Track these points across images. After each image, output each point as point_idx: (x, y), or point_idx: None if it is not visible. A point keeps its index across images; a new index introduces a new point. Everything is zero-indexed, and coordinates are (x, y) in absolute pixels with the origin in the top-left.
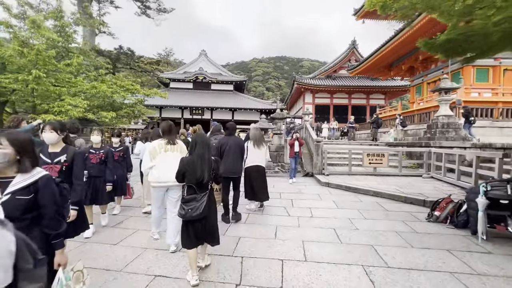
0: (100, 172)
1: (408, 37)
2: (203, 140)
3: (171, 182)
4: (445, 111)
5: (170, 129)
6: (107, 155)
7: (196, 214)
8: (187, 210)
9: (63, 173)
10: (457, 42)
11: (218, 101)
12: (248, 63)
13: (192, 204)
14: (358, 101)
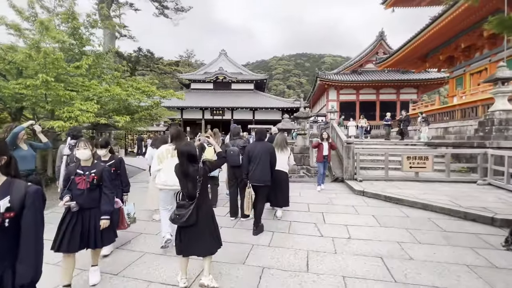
0: (92, 201)
1: (447, 23)
2: (182, 150)
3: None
4: (502, 105)
5: (178, 134)
6: (101, 176)
7: (182, 222)
8: (175, 216)
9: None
10: None
11: (239, 100)
12: (268, 62)
13: (180, 210)
14: (387, 96)
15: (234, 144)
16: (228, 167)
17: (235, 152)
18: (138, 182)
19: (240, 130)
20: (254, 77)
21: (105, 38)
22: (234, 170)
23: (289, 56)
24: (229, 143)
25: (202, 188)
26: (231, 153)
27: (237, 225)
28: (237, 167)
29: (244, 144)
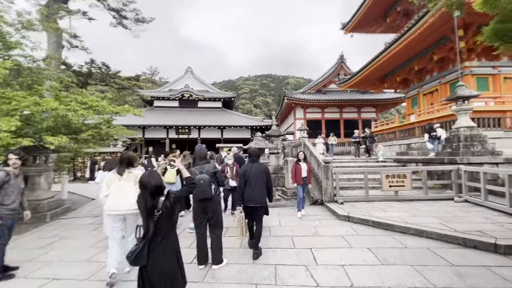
0: None
1: (400, 49)
2: (144, 182)
3: (123, 211)
4: (466, 122)
5: (122, 160)
6: None
7: (129, 261)
8: (130, 252)
9: None
10: None
11: (206, 119)
12: (235, 82)
13: (135, 247)
14: (350, 115)
15: (203, 171)
16: (195, 201)
17: (206, 181)
18: (81, 217)
19: (206, 152)
20: (222, 95)
21: (50, 46)
22: (204, 204)
23: (255, 77)
24: (195, 169)
25: (162, 225)
26: (200, 183)
27: (208, 277)
28: (208, 199)
29: (215, 170)
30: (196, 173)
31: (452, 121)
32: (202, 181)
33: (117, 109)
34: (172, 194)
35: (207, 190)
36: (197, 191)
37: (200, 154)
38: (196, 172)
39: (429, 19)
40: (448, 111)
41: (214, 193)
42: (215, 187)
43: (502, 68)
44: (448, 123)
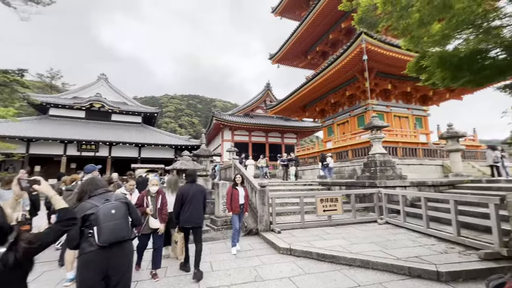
0: None
1: (319, 83)
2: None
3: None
4: (379, 148)
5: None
6: None
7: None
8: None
9: None
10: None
11: (121, 134)
12: (159, 99)
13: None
14: (274, 139)
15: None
16: (91, 251)
17: (119, 211)
18: None
19: (101, 180)
20: (142, 109)
21: None
22: (109, 255)
23: (182, 96)
24: (90, 203)
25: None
26: (111, 213)
27: None
28: (118, 245)
29: (126, 200)
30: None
31: (362, 148)
32: (114, 210)
33: None
34: (23, 239)
35: (122, 225)
36: (103, 228)
37: (93, 183)
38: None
39: (341, 62)
40: (358, 140)
41: (130, 234)
42: (131, 226)
43: (393, 108)
44: (359, 150)
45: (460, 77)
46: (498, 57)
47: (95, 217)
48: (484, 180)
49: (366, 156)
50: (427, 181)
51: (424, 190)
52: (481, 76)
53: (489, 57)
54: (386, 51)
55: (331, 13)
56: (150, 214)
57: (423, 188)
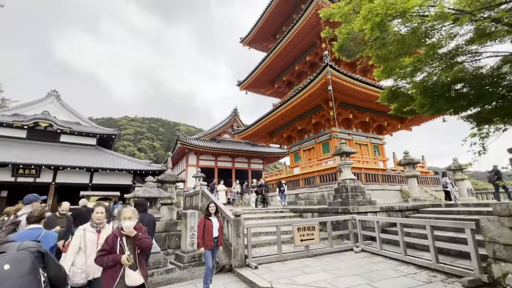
0: None
1: (286, 111)
2: None
3: None
4: (349, 174)
5: None
6: None
7: None
8: None
9: None
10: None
11: (71, 158)
12: (118, 120)
13: None
14: (240, 165)
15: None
16: None
17: (16, 269)
18: None
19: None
20: (99, 130)
21: None
22: None
23: (143, 119)
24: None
25: None
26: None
27: None
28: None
29: (38, 249)
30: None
31: (330, 174)
32: (8, 265)
33: None
34: None
35: (26, 283)
36: None
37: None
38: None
39: (308, 91)
40: (325, 166)
41: None
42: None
43: (354, 136)
44: (327, 175)
45: (437, 105)
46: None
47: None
48: (443, 204)
49: (334, 181)
50: (394, 207)
51: (392, 215)
52: (456, 105)
53: (456, 89)
54: (348, 83)
55: (297, 47)
56: (128, 264)
57: (391, 213)
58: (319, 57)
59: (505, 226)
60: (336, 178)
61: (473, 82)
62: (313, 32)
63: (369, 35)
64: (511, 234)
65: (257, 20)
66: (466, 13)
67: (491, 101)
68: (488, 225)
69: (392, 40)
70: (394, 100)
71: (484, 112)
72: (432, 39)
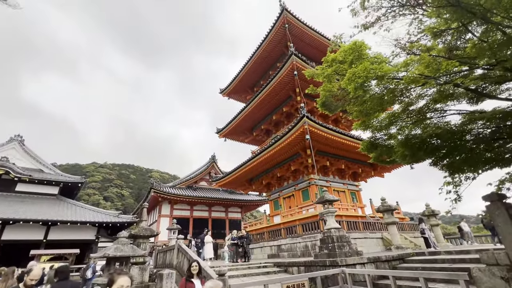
0: None
1: (265, 158)
2: None
3: None
4: (333, 223)
5: None
6: None
7: None
8: None
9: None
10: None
11: (24, 209)
12: (85, 167)
13: None
14: (218, 214)
15: None
16: None
17: None
18: None
19: None
20: (62, 178)
21: None
22: None
23: (113, 165)
24: None
25: None
26: None
27: None
28: None
29: None
30: None
31: (312, 223)
32: None
33: None
34: None
35: None
36: None
37: None
38: None
39: (286, 140)
40: (306, 214)
41: None
42: None
43: (332, 183)
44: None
45: (417, 156)
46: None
47: None
48: (426, 253)
49: (316, 230)
50: (381, 257)
51: (380, 266)
52: (433, 156)
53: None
54: (323, 133)
55: (274, 99)
56: None
57: (379, 263)
58: (294, 108)
59: (496, 276)
60: (318, 226)
61: (445, 137)
62: (288, 86)
63: (352, 93)
64: (504, 285)
65: (236, 74)
66: (431, 78)
67: (461, 153)
68: (480, 276)
69: (372, 98)
70: (373, 150)
71: (456, 162)
72: (405, 98)
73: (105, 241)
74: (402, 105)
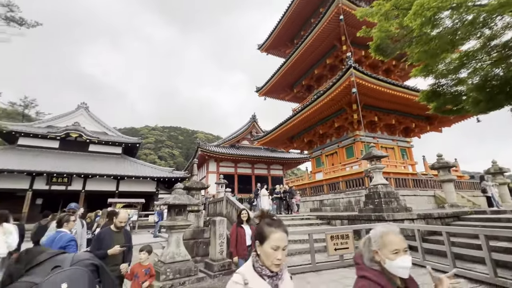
0: None
1: (308, 115)
2: None
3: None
4: (381, 179)
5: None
6: None
7: None
8: None
9: None
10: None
11: (99, 166)
12: (139, 130)
13: None
14: (260, 171)
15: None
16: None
17: None
18: None
19: None
20: (124, 139)
21: None
22: None
23: (163, 128)
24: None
25: None
26: None
27: None
28: None
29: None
30: None
31: (356, 179)
32: (66, 284)
33: None
34: None
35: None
36: None
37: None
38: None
39: (330, 94)
40: (350, 171)
41: None
42: None
43: (379, 139)
44: (352, 181)
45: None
46: None
47: None
48: (488, 211)
49: (360, 187)
50: (433, 214)
51: (431, 223)
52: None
53: None
54: (373, 85)
55: (316, 51)
56: None
57: (430, 220)
58: (339, 59)
59: None
60: (363, 183)
61: None
62: (333, 34)
63: (417, 31)
64: None
65: (274, 27)
66: None
67: None
68: None
69: (441, 34)
70: (435, 99)
71: None
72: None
73: (164, 193)
74: (482, 40)
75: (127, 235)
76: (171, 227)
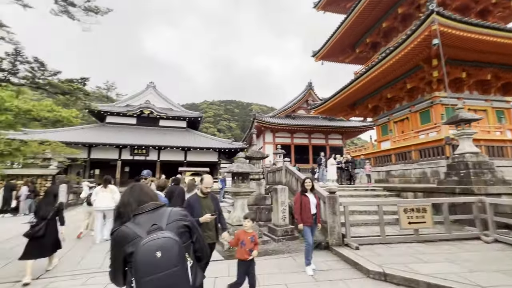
0: None
1: (374, 76)
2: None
3: (102, 208)
4: (470, 147)
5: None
6: None
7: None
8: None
9: None
10: None
11: (168, 139)
12: (199, 105)
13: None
14: (317, 141)
15: (157, 225)
16: None
17: (170, 254)
18: None
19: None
20: (187, 114)
21: None
22: None
23: (219, 102)
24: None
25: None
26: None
27: None
28: None
29: (187, 220)
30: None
31: (432, 148)
32: (160, 252)
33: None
34: None
35: (175, 279)
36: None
37: (141, 192)
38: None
39: (404, 49)
40: (426, 138)
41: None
42: (193, 268)
43: (466, 100)
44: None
45: None
46: None
47: (134, 262)
48: None
49: (439, 156)
50: None
51: None
52: None
53: None
54: (464, 32)
55: None
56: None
57: None
58: (415, 6)
59: None
60: (443, 152)
61: None
62: None
63: None
64: None
65: None
66: None
67: None
68: None
69: None
70: None
71: None
72: None
73: (225, 162)
74: None
75: (215, 199)
76: (236, 193)
